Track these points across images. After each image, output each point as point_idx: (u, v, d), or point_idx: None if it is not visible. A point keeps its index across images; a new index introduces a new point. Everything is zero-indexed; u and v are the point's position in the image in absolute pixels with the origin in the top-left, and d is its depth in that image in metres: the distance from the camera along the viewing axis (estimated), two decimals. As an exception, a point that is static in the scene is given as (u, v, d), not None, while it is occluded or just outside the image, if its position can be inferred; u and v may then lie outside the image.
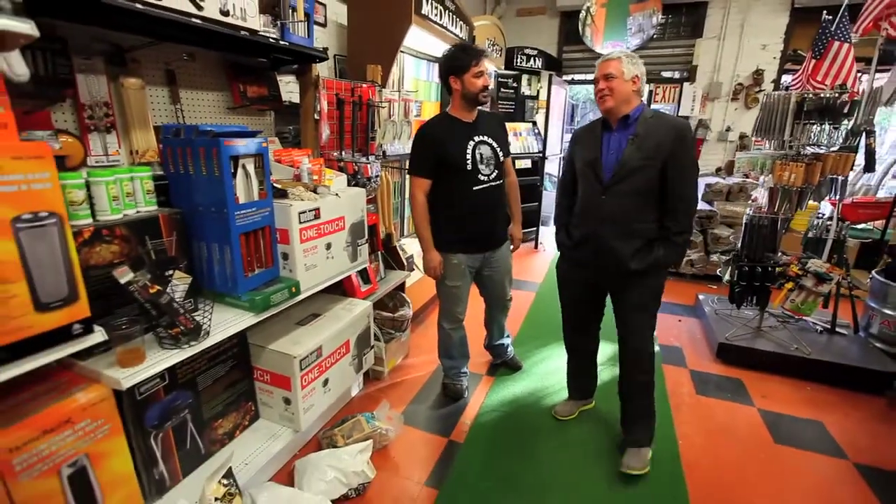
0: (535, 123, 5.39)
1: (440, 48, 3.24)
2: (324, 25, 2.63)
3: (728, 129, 5.37)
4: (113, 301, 1.25)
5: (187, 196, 1.49)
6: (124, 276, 1.17)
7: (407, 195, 3.40)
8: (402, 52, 2.99)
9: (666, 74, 5.55)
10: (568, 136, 5.91)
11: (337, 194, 1.89)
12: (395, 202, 3.21)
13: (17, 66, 0.96)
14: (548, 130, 5.28)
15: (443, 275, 2.11)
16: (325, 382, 1.92)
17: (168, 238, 1.42)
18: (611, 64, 1.65)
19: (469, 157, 1.95)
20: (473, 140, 1.96)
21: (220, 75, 1.92)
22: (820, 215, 3.27)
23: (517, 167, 4.25)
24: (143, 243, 1.34)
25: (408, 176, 2.31)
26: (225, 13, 1.51)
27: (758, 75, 5.14)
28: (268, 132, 2.25)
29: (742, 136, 5.39)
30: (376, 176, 2.37)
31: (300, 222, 1.69)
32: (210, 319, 1.39)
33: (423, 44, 3.06)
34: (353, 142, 2.32)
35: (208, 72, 1.87)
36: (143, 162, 1.62)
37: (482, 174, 1.98)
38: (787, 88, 4.87)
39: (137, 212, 1.40)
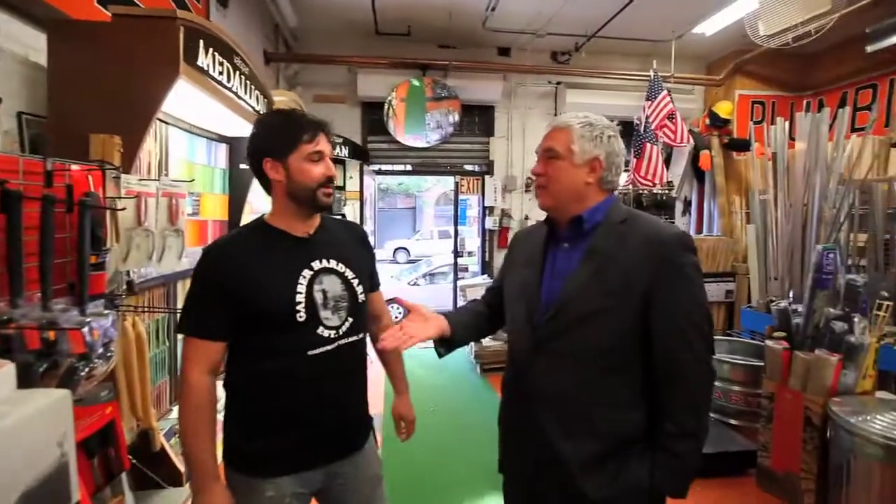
0: (344, 216, 4.78)
1: (229, 122, 2.27)
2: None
3: (526, 218, 5.75)
4: None
5: None
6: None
7: (180, 341, 2.10)
8: (164, 121, 1.92)
9: (468, 167, 5.77)
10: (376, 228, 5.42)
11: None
12: (156, 353, 1.90)
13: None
14: (363, 222, 4.74)
15: None
16: None
17: None
18: (555, 136, 1.05)
19: (303, 298, 1.08)
20: (311, 268, 1.11)
21: None
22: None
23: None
24: None
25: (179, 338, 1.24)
26: None
27: (543, 172, 5.75)
28: None
29: (540, 225, 5.91)
30: (109, 341, 1.18)
31: None
32: None
33: (202, 114, 2.05)
34: (43, 279, 1.09)
35: None
36: None
37: (327, 327, 1.10)
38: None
39: None
